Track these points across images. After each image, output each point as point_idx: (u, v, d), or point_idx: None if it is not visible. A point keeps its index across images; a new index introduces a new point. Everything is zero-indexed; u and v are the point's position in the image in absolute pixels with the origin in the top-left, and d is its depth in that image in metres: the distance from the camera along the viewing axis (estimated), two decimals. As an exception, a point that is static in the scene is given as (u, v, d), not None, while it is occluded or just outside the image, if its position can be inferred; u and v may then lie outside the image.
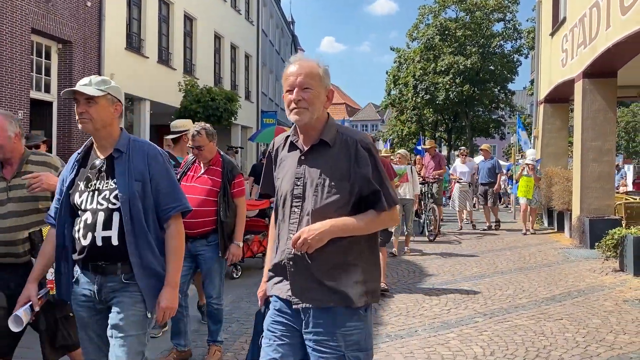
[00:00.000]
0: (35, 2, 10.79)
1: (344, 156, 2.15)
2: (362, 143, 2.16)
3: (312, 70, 2.14)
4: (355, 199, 2.14)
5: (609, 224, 8.93)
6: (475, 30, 32.48)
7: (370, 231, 2.18)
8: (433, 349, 4.54)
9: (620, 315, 5.45)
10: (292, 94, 2.12)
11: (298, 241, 2.06)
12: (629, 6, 7.84)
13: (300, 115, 2.12)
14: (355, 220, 2.11)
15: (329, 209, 2.10)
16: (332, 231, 2.06)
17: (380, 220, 2.17)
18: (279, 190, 2.27)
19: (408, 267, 8.12)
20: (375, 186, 2.13)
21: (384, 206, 2.14)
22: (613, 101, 10.26)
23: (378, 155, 2.21)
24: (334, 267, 2.12)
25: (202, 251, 4.19)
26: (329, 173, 2.13)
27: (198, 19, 19.02)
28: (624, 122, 41.58)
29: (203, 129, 4.25)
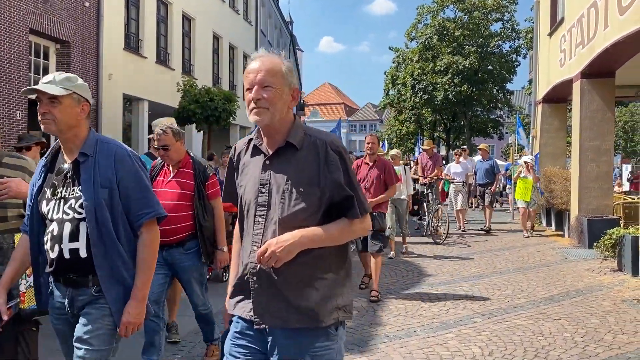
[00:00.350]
0: (33, 2, 10.78)
1: (312, 160, 1.98)
2: (333, 146, 2.00)
3: (274, 67, 1.98)
4: (325, 206, 1.97)
5: (607, 223, 8.94)
6: (473, 30, 32.48)
7: (342, 241, 2.03)
8: (432, 350, 4.54)
9: (618, 315, 5.46)
10: (251, 93, 1.97)
11: (265, 254, 1.87)
12: (627, 6, 7.86)
13: (260, 116, 1.96)
14: (326, 230, 1.94)
15: (297, 218, 1.93)
16: (303, 242, 1.89)
17: (353, 229, 2.01)
18: (242, 198, 2.09)
19: (406, 267, 8.12)
20: (347, 192, 1.97)
21: (357, 213, 1.98)
22: (611, 101, 10.28)
23: (349, 158, 2.08)
24: (301, 282, 1.95)
25: (179, 260, 3.94)
26: (296, 178, 1.96)
27: (196, 19, 19.01)
28: (622, 121, 41.65)
29: (169, 127, 3.98)
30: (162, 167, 4.10)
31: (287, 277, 1.94)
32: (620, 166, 27.38)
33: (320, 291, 1.97)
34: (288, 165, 1.99)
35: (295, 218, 1.93)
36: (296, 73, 2.11)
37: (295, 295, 1.94)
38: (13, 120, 10.30)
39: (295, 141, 1.99)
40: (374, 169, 6.46)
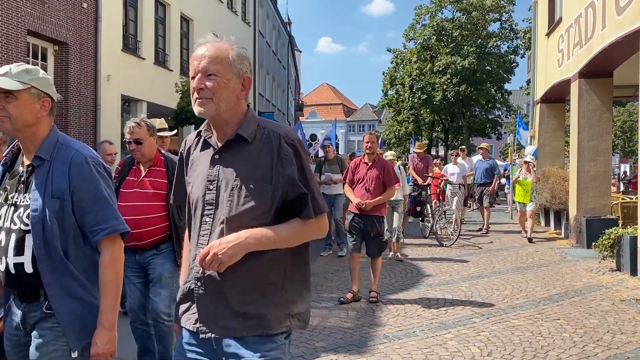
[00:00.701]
0: (31, 3, 10.77)
1: (265, 154, 1.83)
2: (287, 138, 1.85)
3: (219, 54, 1.83)
4: (278, 205, 1.83)
5: (605, 223, 8.95)
6: (471, 31, 32.49)
7: (295, 243, 1.87)
8: (431, 350, 4.54)
9: (617, 315, 5.46)
10: (194, 82, 1.83)
11: (207, 257, 1.72)
12: (625, 6, 7.87)
13: (203, 107, 1.82)
14: (277, 231, 1.80)
15: (246, 217, 1.79)
16: (249, 244, 1.74)
17: (307, 230, 1.87)
18: (190, 196, 1.95)
19: (405, 267, 8.12)
20: (301, 189, 1.82)
21: (311, 213, 1.84)
22: (609, 101, 10.30)
23: (305, 153, 1.91)
24: (251, 288, 1.81)
25: (150, 260, 3.70)
26: (247, 174, 1.82)
27: (195, 20, 19.00)
28: (620, 121, 41.69)
29: (143, 120, 3.82)
30: (132, 166, 3.83)
31: (234, 281, 1.80)
32: (618, 166, 27.42)
33: (271, 297, 1.83)
34: (238, 159, 1.85)
35: (244, 217, 1.80)
36: (248, 60, 1.92)
37: (243, 301, 1.81)
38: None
39: (246, 134, 1.86)
40: (373, 169, 6.28)
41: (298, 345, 4.72)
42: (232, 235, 1.76)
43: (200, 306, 1.84)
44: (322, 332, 5.08)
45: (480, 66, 32.33)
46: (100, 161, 2.14)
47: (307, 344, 4.74)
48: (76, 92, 12.15)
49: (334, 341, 4.81)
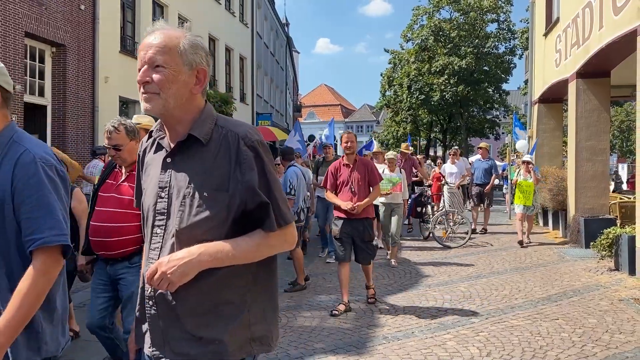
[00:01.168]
0: (28, 5, 10.75)
1: (222, 157, 1.62)
2: (247, 140, 1.63)
3: (168, 43, 1.62)
4: (236, 215, 1.62)
5: (603, 223, 8.96)
6: (469, 31, 32.53)
7: (257, 258, 1.65)
8: (430, 350, 4.54)
9: (616, 315, 5.47)
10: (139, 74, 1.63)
11: (155, 276, 1.54)
12: (622, 6, 7.89)
13: (149, 103, 1.62)
14: (236, 245, 1.59)
15: (199, 229, 1.60)
16: (202, 261, 1.55)
17: (270, 243, 1.65)
18: (142, 204, 1.76)
19: (404, 268, 8.12)
20: (262, 198, 1.61)
21: (273, 225, 1.63)
22: (607, 101, 10.32)
23: (268, 156, 1.68)
24: (206, 308, 1.62)
25: (123, 274, 3.43)
26: (201, 180, 1.61)
27: (192, 22, 18.98)
28: (618, 121, 41.76)
29: (122, 124, 3.52)
30: (114, 168, 3.60)
31: (187, 302, 1.61)
32: (616, 166, 27.46)
33: (230, 319, 1.63)
34: (191, 163, 1.64)
35: (196, 230, 1.60)
36: (204, 50, 1.69)
37: (198, 324, 1.61)
38: (9, 124, 10.28)
39: (200, 134, 1.64)
40: (356, 171, 5.92)
41: (297, 346, 4.72)
42: (183, 251, 1.56)
43: (153, 328, 1.67)
44: (320, 333, 5.07)
45: (478, 66, 32.39)
46: (52, 162, 1.85)
47: (306, 345, 4.73)
48: (74, 94, 12.14)
49: (332, 342, 4.81)
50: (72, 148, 11.96)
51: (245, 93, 25.42)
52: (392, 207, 8.41)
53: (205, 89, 1.73)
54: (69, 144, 11.88)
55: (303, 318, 5.58)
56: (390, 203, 8.41)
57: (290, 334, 5.04)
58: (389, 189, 8.27)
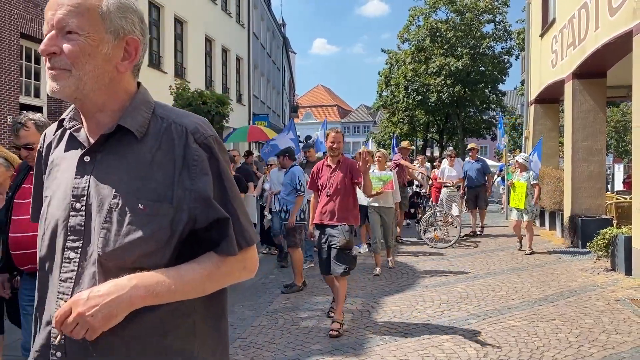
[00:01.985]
0: (24, 6, 10.72)
1: (163, 158, 1.23)
2: (198, 135, 1.26)
3: (84, 1, 1.21)
4: (182, 235, 1.24)
5: (600, 223, 8.98)
6: (465, 32, 32.61)
7: (208, 291, 1.28)
8: (427, 351, 4.54)
9: (612, 315, 5.48)
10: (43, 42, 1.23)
11: (68, 319, 1.13)
12: (617, 7, 7.91)
13: (56, 82, 1.22)
14: (180, 275, 1.21)
15: (131, 254, 1.19)
16: (134, 297, 1.14)
17: (227, 271, 1.28)
18: (44, 217, 1.30)
19: (400, 269, 8.12)
20: (218, 212, 1.24)
21: (233, 247, 1.25)
22: (603, 101, 10.35)
23: (225, 157, 1.31)
24: (140, 358, 1.22)
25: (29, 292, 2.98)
26: (133, 188, 1.20)
27: (189, 22, 18.97)
28: (614, 121, 41.87)
29: (30, 119, 3.02)
30: (29, 171, 3.07)
31: (116, 354, 1.19)
32: (612, 166, 27.51)
33: None
34: (121, 165, 1.23)
35: (127, 255, 1.19)
36: (137, 14, 1.29)
37: None
38: (4, 125, 10.23)
39: (132, 125, 1.24)
40: (336, 173, 5.37)
41: (294, 347, 4.71)
42: (109, 285, 1.15)
43: None
44: (317, 334, 5.06)
45: (475, 67, 32.47)
46: None
47: (303, 347, 4.72)
48: (70, 94, 12.11)
49: (329, 343, 4.80)
50: (68, 149, 11.92)
51: (242, 94, 25.40)
52: (382, 212, 7.93)
53: (137, 66, 1.31)
54: (64, 145, 11.85)
55: (300, 319, 5.57)
56: (380, 207, 7.95)
57: (287, 335, 5.03)
58: (379, 187, 7.82)
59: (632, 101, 7.47)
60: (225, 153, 1.33)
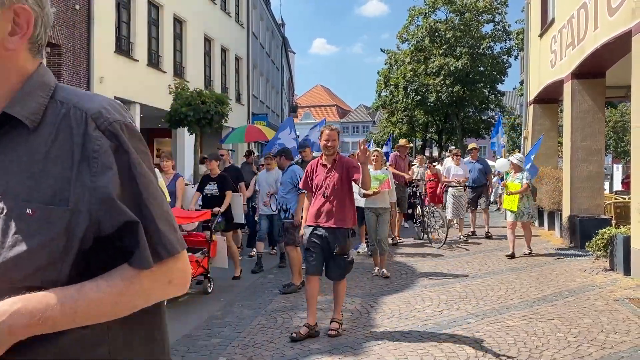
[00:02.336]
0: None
1: (59, 150, 1.01)
2: (101, 121, 1.03)
3: None
4: (84, 245, 1.01)
5: (599, 223, 8.99)
6: (465, 32, 32.66)
7: (122, 312, 1.02)
8: (426, 351, 4.54)
9: (611, 315, 5.48)
10: None
11: None
12: (617, 7, 7.92)
13: None
14: (80, 294, 0.98)
15: (18, 270, 0.97)
16: (14, 328, 0.92)
17: (143, 287, 1.03)
18: None
19: (399, 268, 8.12)
20: (125, 215, 1.00)
21: (146, 258, 1.01)
22: (602, 101, 10.36)
23: (139, 147, 1.07)
24: None
25: None
26: (22, 188, 0.99)
27: (188, 22, 18.97)
28: (613, 122, 41.92)
29: None
30: None
31: None
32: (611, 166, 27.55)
33: None
34: (8, 162, 1.01)
35: (13, 271, 0.97)
36: None
37: None
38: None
39: (22, 113, 1.02)
40: (333, 172, 5.09)
41: (293, 347, 4.71)
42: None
43: None
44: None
45: (474, 67, 32.53)
46: None
47: (302, 346, 4.72)
48: (69, 94, 12.11)
49: (328, 342, 4.80)
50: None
51: (241, 93, 25.40)
52: (379, 212, 7.75)
53: (37, 43, 1.09)
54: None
55: (299, 319, 5.57)
56: (377, 208, 7.76)
57: (286, 335, 5.03)
58: (376, 187, 7.63)
59: (631, 101, 7.48)
60: (141, 142, 1.08)
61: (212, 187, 7.63)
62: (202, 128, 15.03)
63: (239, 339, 4.95)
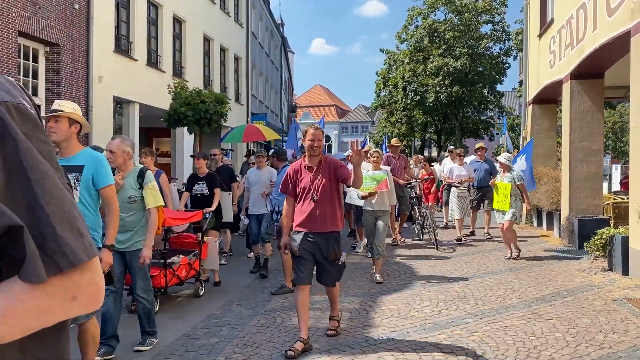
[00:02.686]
0: (22, 4, 10.69)
1: None
2: None
3: None
4: None
5: (597, 223, 8.99)
6: (464, 32, 32.67)
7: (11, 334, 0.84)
8: (425, 351, 4.54)
9: (609, 315, 5.49)
10: None
11: None
12: (615, 7, 7.92)
13: None
14: None
15: None
16: None
17: (38, 304, 0.84)
18: None
19: (398, 268, 8.13)
20: (8, 218, 0.82)
21: (36, 271, 0.82)
22: (600, 102, 10.37)
23: (31, 131, 0.89)
24: None
25: None
26: None
27: (187, 22, 18.95)
28: (612, 122, 41.97)
29: None
30: None
31: None
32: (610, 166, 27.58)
33: None
34: None
35: None
36: None
37: None
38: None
39: None
40: (320, 175, 4.73)
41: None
42: None
43: None
44: (315, 333, 5.06)
45: (473, 67, 32.55)
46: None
47: (301, 346, 4.72)
48: (68, 93, 12.08)
49: (327, 342, 4.80)
50: (65, 148, 11.91)
51: (240, 93, 25.39)
52: (377, 215, 7.41)
53: None
54: (62, 144, 11.83)
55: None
56: (375, 210, 7.41)
57: (285, 334, 5.03)
58: (374, 187, 7.29)
59: (630, 102, 7.48)
60: (38, 129, 0.91)
61: (202, 187, 7.49)
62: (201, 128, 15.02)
63: (237, 338, 4.95)
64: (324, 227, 4.71)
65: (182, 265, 6.22)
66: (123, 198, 4.43)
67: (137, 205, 4.57)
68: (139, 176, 4.60)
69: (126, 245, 4.51)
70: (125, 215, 4.43)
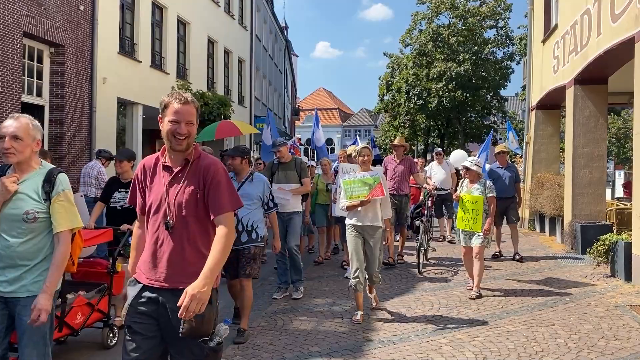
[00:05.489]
0: (27, 5, 10.74)
1: None
2: None
3: None
4: None
5: (600, 229, 8.98)
6: (467, 37, 32.69)
7: None
8: (426, 355, 4.53)
9: (611, 321, 5.47)
10: None
11: None
12: (620, 13, 7.92)
13: None
14: None
15: None
16: None
17: None
18: None
19: (400, 272, 8.11)
20: None
21: None
22: (604, 108, 10.36)
23: None
24: None
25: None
26: None
27: (191, 24, 18.99)
28: (615, 128, 41.91)
29: None
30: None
31: None
32: (613, 172, 27.55)
33: None
34: None
35: None
36: None
37: None
38: (6, 124, 10.27)
39: None
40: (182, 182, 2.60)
41: (292, 349, 4.70)
42: None
43: None
44: (316, 336, 5.06)
45: (476, 72, 32.54)
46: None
47: (302, 348, 4.72)
48: (72, 94, 12.11)
49: (328, 346, 4.80)
50: (68, 148, 11.94)
51: (244, 96, 25.43)
52: (365, 233, 5.54)
53: None
54: (65, 145, 11.85)
55: (299, 321, 5.57)
56: (363, 226, 5.53)
57: (286, 337, 5.03)
58: (365, 194, 5.46)
59: (634, 108, 7.47)
60: None
61: (122, 196, 5.44)
62: (205, 130, 15.02)
63: (238, 341, 4.94)
64: (176, 279, 2.53)
65: (77, 306, 4.35)
66: (16, 213, 2.86)
67: (38, 225, 2.90)
68: (47, 180, 2.96)
69: (13, 289, 2.87)
70: (15, 241, 2.85)
